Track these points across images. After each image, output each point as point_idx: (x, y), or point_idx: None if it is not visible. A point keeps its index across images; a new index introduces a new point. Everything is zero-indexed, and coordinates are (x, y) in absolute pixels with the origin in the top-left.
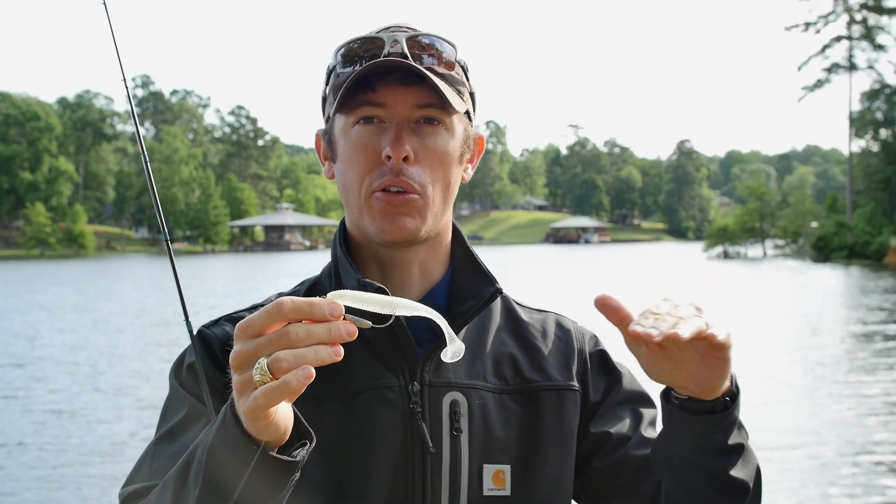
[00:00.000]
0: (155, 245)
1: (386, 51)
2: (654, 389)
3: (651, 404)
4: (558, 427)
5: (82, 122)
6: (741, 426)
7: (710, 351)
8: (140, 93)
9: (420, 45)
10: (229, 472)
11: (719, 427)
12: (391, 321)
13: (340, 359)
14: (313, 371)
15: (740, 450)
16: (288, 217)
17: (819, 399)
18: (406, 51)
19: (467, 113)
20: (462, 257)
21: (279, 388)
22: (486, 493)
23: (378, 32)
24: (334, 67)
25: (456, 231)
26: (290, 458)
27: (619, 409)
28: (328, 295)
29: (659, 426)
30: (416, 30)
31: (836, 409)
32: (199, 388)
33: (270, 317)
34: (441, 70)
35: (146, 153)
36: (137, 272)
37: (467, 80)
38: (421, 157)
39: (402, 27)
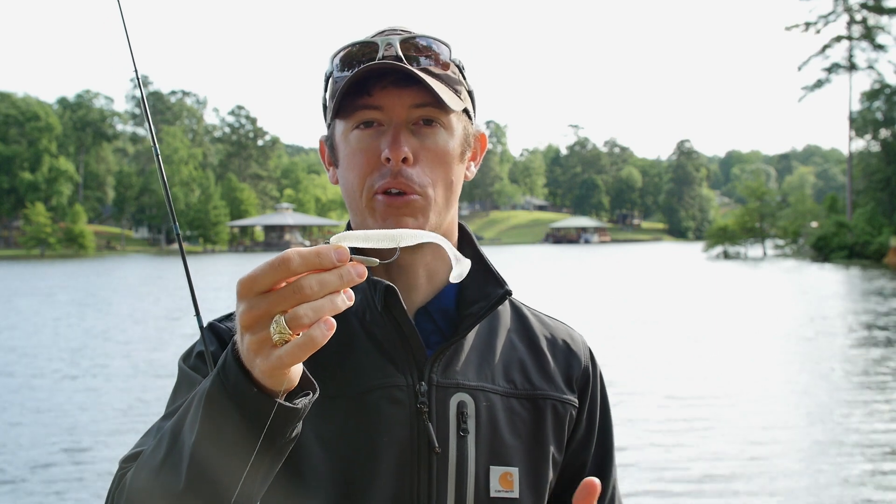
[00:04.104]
0: (155, 245)
1: (380, 54)
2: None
3: (613, 461)
4: (558, 437)
5: (82, 122)
6: None
7: None
8: (139, 93)
9: (415, 46)
10: (229, 419)
11: None
12: (397, 255)
13: (353, 303)
14: (334, 322)
15: None
16: (288, 217)
17: (822, 407)
18: (400, 53)
19: (466, 111)
20: (471, 258)
21: (305, 343)
22: (493, 494)
23: (373, 37)
24: (331, 73)
25: (465, 232)
26: (292, 406)
27: (594, 455)
28: (332, 239)
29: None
30: (410, 32)
31: (839, 416)
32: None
33: (278, 273)
34: (437, 70)
35: (157, 145)
36: (139, 273)
37: (464, 78)
38: (421, 158)
39: (396, 30)
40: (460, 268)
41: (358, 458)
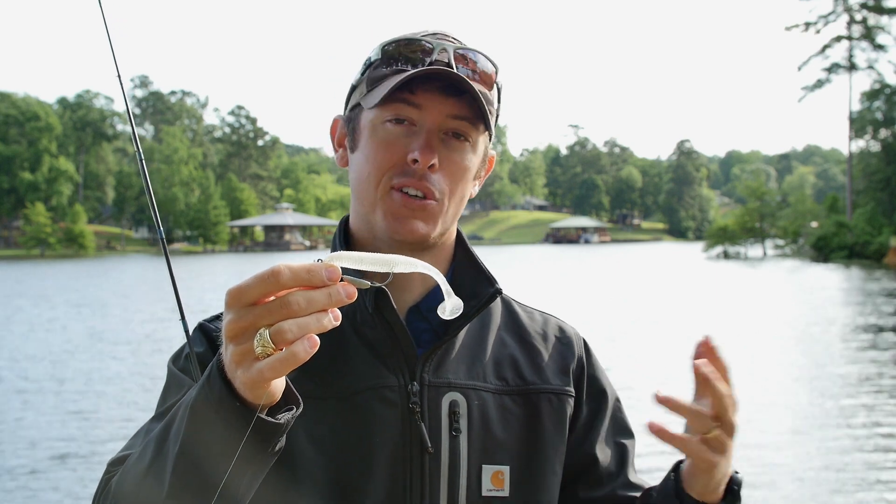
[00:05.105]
0: (155, 245)
1: (433, 57)
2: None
3: (631, 435)
4: (555, 431)
5: (82, 122)
6: None
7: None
8: (139, 93)
9: (466, 58)
10: (211, 431)
11: None
12: (390, 279)
13: (339, 323)
14: (318, 339)
15: None
16: (288, 217)
17: (823, 409)
18: (453, 62)
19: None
20: (462, 258)
21: (287, 359)
22: (484, 493)
23: (424, 37)
24: (374, 61)
25: (457, 234)
26: (274, 421)
27: (606, 435)
28: (326, 257)
29: (637, 464)
30: (462, 42)
31: (839, 418)
32: (198, 376)
33: (267, 286)
34: (481, 88)
35: (141, 153)
36: (138, 273)
37: (499, 101)
38: (444, 168)
39: (447, 37)
40: (452, 303)
41: (351, 458)
